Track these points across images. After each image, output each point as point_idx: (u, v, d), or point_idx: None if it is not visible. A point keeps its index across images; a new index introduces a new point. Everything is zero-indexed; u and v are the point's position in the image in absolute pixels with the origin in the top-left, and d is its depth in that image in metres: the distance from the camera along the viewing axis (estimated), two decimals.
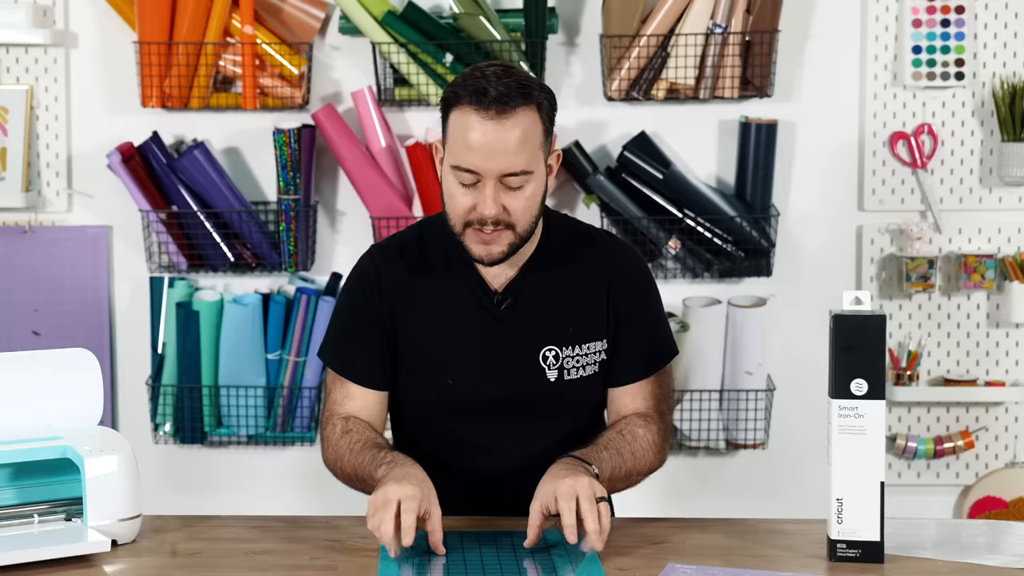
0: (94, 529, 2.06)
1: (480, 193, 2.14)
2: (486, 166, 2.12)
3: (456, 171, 2.15)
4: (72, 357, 2.26)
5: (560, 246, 2.29)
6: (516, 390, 2.26)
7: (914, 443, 3.56)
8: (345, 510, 2.45)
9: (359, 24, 3.43)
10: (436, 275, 2.28)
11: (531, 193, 2.16)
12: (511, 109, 2.12)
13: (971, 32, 3.51)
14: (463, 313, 2.26)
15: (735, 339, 3.51)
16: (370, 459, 2.18)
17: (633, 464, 2.23)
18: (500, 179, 2.13)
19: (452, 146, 2.16)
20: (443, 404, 2.28)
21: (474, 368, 2.26)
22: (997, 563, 2.03)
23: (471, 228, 2.17)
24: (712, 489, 3.64)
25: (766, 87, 3.44)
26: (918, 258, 3.48)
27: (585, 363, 2.27)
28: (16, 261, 3.60)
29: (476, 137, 2.12)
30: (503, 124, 2.12)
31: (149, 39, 3.43)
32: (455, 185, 2.16)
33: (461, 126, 2.13)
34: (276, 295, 3.57)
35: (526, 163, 2.14)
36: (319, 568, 2.03)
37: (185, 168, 3.46)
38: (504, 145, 2.12)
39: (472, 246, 2.19)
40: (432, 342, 2.27)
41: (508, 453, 2.28)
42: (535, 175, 2.16)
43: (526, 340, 2.25)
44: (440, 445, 2.31)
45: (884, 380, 2.02)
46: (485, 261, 2.19)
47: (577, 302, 2.27)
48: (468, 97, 2.12)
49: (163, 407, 3.55)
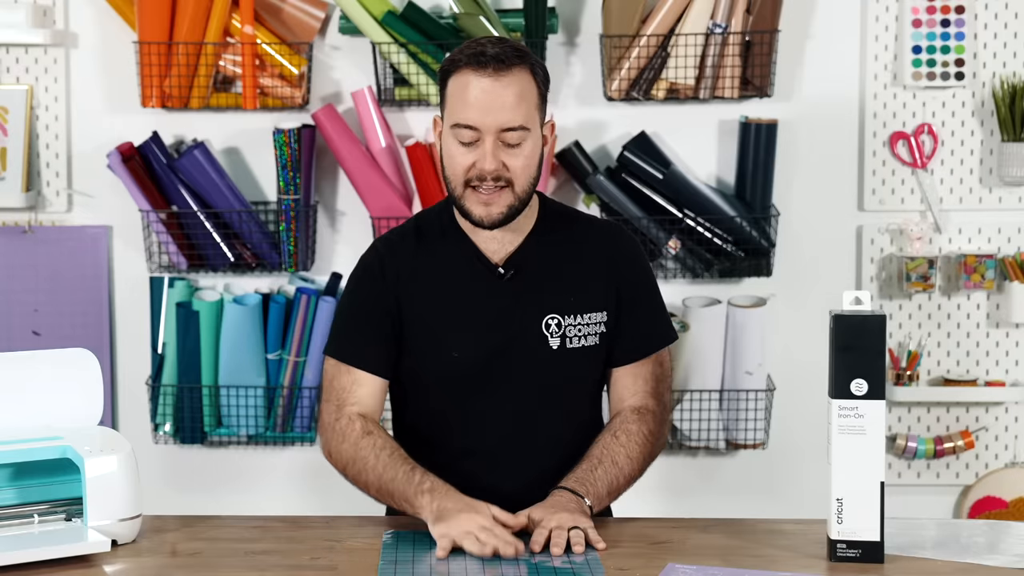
0: (94, 529, 2.06)
1: (479, 150, 2.21)
2: (485, 120, 2.19)
3: (456, 129, 2.22)
4: (72, 357, 2.26)
5: (557, 222, 2.36)
6: (520, 360, 2.29)
7: (914, 443, 3.56)
8: (345, 510, 2.45)
9: (359, 24, 3.43)
10: (437, 254, 2.32)
11: (529, 152, 2.23)
12: (507, 67, 2.20)
13: (971, 32, 3.51)
14: (466, 287, 2.30)
15: (735, 339, 3.51)
16: (404, 478, 2.20)
17: (631, 468, 2.29)
18: (499, 136, 2.20)
19: (451, 107, 2.23)
20: (448, 379, 2.31)
21: (478, 340, 2.29)
22: (997, 563, 2.03)
23: (471, 189, 2.23)
24: (712, 489, 3.64)
25: (766, 87, 3.44)
26: (918, 258, 3.48)
27: (586, 332, 2.31)
28: (16, 261, 3.60)
29: (475, 94, 2.20)
30: (500, 81, 2.20)
31: (149, 39, 3.43)
32: (455, 145, 2.23)
33: (460, 87, 2.21)
34: (276, 295, 3.57)
35: (524, 119, 2.21)
36: (319, 568, 2.03)
37: (185, 168, 3.46)
38: (502, 100, 2.19)
39: (472, 207, 2.24)
40: (437, 318, 2.30)
41: (509, 435, 2.31)
42: (532, 134, 2.23)
43: (529, 310, 2.30)
44: (441, 429, 2.32)
45: (884, 380, 2.02)
46: (485, 222, 2.24)
47: (577, 273, 2.32)
48: (466, 60, 2.22)
49: (163, 407, 3.55)
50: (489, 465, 2.29)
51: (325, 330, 3.47)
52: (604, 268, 2.33)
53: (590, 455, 2.28)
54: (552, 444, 2.31)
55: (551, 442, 2.31)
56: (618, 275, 2.34)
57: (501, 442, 2.30)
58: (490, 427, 2.31)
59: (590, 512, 2.19)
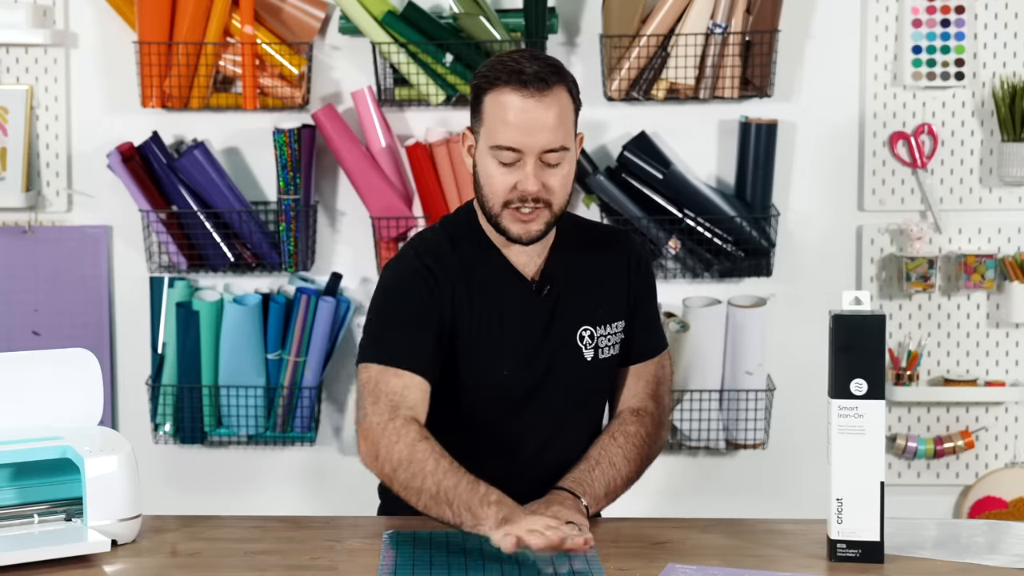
0: (94, 529, 2.06)
1: (520, 171, 2.19)
2: (527, 142, 2.17)
3: (496, 151, 2.19)
4: (72, 357, 2.26)
5: (573, 232, 2.36)
6: (562, 374, 2.30)
7: (914, 443, 3.56)
8: (345, 510, 2.45)
9: (359, 24, 3.43)
10: (475, 267, 2.29)
11: (567, 171, 2.23)
12: (549, 87, 2.17)
13: (971, 32, 3.51)
14: (508, 303, 2.28)
15: (735, 339, 3.51)
16: (467, 487, 2.08)
17: (628, 470, 2.30)
18: (540, 157, 2.18)
19: (490, 127, 2.20)
20: (497, 395, 2.28)
21: (527, 357, 2.28)
22: (997, 563, 2.03)
23: (509, 209, 2.21)
24: (712, 489, 3.64)
25: (766, 87, 3.44)
26: (918, 258, 3.48)
27: (613, 342, 2.34)
28: (16, 261, 3.60)
29: (517, 115, 2.17)
30: (542, 101, 2.17)
31: (149, 39, 3.43)
32: (494, 166, 2.20)
33: (500, 106, 2.18)
34: (276, 295, 3.57)
35: (564, 139, 2.20)
36: (319, 568, 2.03)
37: (185, 168, 3.46)
38: (544, 122, 2.17)
39: (510, 226, 2.22)
40: (487, 334, 2.27)
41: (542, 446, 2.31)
42: (570, 153, 2.22)
43: (565, 323, 2.30)
44: (472, 439, 2.27)
45: (884, 380, 2.02)
46: (524, 239, 2.23)
47: (602, 283, 2.34)
48: (506, 78, 2.18)
49: (163, 407, 3.55)
50: (518, 474, 2.25)
51: (325, 330, 3.48)
52: (623, 276, 2.36)
53: (588, 456, 2.29)
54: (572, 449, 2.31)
55: (573, 447, 2.31)
56: (632, 282, 2.37)
57: (534, 454, 2.31)
58: (527, 440, 2.30)
59: (586, 512, 2.20)
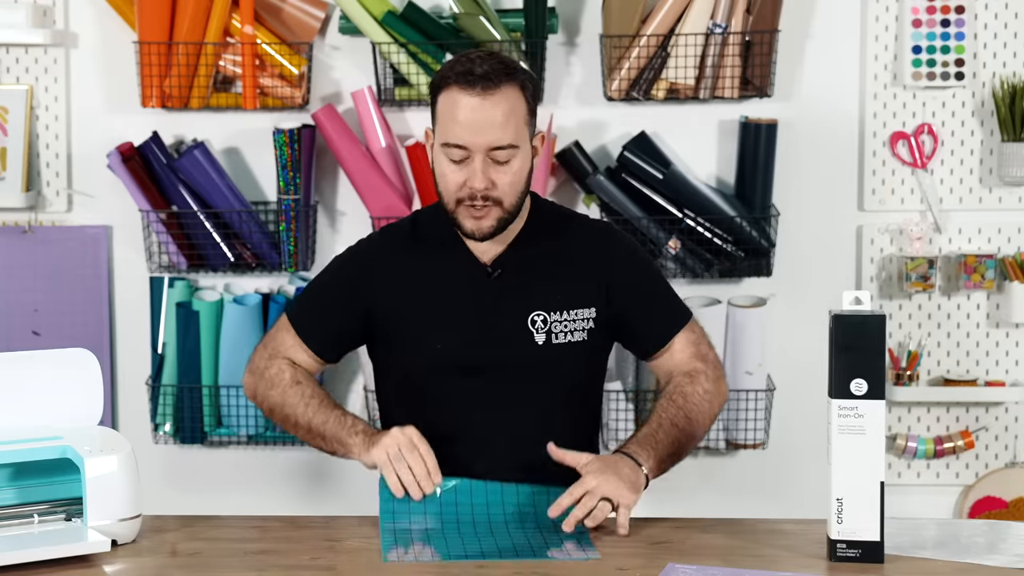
0: (94, 529, 2.07)
1: (469, 168, 2.27)
2: (474, 140, 2.26)
3: (446, 148, 2.28)
4: (72, 357, 2.27)
5: (547, 225, 2.43)
6: (508, 355, 2.36)
7: (914, 443, 3.57)
8: (345, 510, 2.45)
9: (359, 24, 3.43)
10: (429, 253, 2.41)
11: (517, 168, 2.29)
12: (495, 86, 2.26)
13: (971, 32, 3.51)
14: (454, 285, 2.38)
15: (735, 339, 3.51)
16: (335, 421, 2.34)
17: (691, 428, 2.35)
18: (488, 154, 2.26)
19: (441, 125, 2.29)
20: (434, 370, 2.37)
21: (464, 333, 2.36)
22: (997, 563, 2.03)
23: (462, 205, 2.30)
24: (712, 489, 3.64)
25: (766, 87, 3.44)
26: (918, 258, 3.48)
27: (572, 328, 2.38)
28: (16, 261, 3.60)
29: (464, 114, 2.26)
30: (488, 99, 2.25)
31: (149, 39, 3.43)
32: (446, 163, 2.30)
33: (450, 105, 2.27)
34: (276, 295, 3.57)
35: (512, 137, 2.27)
36: (319, 568, 2.03)
37: (185, 168, 3.46)
38: (490, 120, 2.25)
39: (464, 221, 2.32)
40: (422, 312, 2.38)
41: (496, 426, 2.36)
42: (521, 151, 2.30)
43: (515, 306, 2.37)
44: (429, 419, 2.34)
45: (884, 380, 2.02)
46: (476, 235, 2.32)
47: (564, 271, 2.39)
48: (455, 79, 2.27)
49: (163, 407, 3.55)
50: (475, 453, 2.32)
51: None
52: (593, 267, 2.40)
53: (649, 421, 2.34)
54: (538, 436, 2.32)
55: (537, 434, 2.33)
56: (609, 274, 2.40)
57: (488, 432, 2.35)
58: (477, 419, 2.36)
59: (645, 484, 2.23)
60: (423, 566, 2.03)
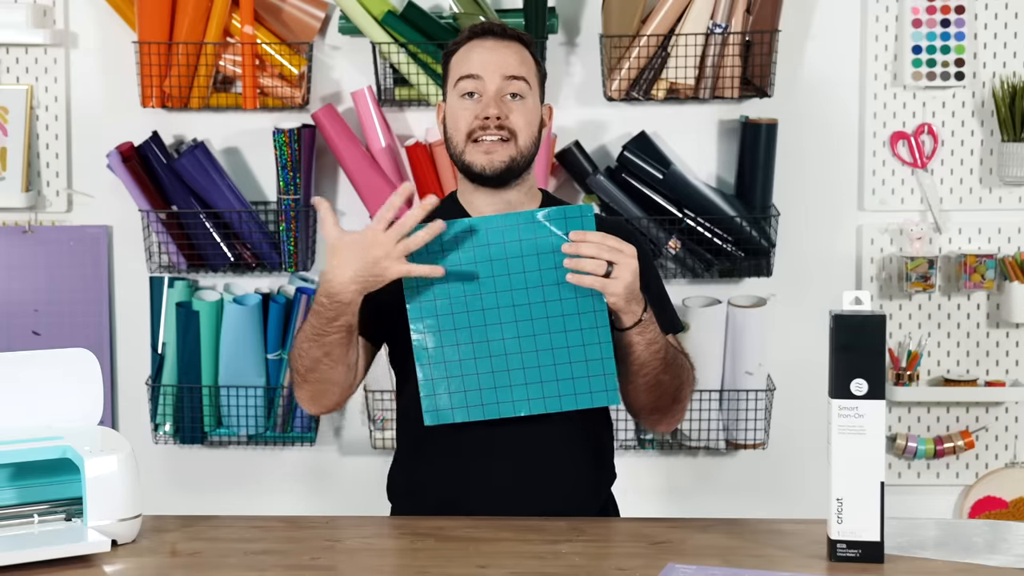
0: (94, 529, 2.06)
1: (482, 102, 2.29)
2: (487, 68, 2.29)
3: (461, 82, 2.32)
4: (72, 357, 2.26)
5: None
6: None
7: (914, 443, 3.57)
8: (345, 510, 2.45)
9: (359, 24, 3.43)
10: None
11: (531, 108, 2.32)
12: (508, 38, 2.34)
13: (971, 32, 3.51)
14: None
15: (735, 339, 3.51)
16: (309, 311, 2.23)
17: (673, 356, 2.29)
18: (502, 84, 2.29)
19: (455, 69, 2.35)
20: None
21: None
22: (997, 563, 2.03)
23: (473, 142, 2.30)
24: (712, 489, 3.64)
25: (766, 87, 3.44)
26: (918, 258, 3.48)
27: None
28: (16, 261, 3.60)
29: (478, 52, 2.32)
30: (502, 43, 2.33)
31: (149, 39, 3.43)
32: (458, 101, 2.32)
33: (464, 52, 2.34)
34: (276, 295, 3.57)
35: (526, 72, 2.32)
36: (319, 568, 2.03)
37: (185, 168, 3.46)
38: (504, 55, 2.31)
39: (474, 159, 2.31)
40: None
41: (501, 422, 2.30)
42: (532, 93, 2.33)
43: None
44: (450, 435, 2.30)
45: (884, 380, 2.02)
46: (487, 171, 2.30)
47: None
48: (468, 34, 2.35)
49: (163, 407, 3.55)
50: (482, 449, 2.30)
51: None
52: None
53: None
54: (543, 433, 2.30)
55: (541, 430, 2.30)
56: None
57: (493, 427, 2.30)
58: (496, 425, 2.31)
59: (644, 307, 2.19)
60: (430, 555, 2.03)
